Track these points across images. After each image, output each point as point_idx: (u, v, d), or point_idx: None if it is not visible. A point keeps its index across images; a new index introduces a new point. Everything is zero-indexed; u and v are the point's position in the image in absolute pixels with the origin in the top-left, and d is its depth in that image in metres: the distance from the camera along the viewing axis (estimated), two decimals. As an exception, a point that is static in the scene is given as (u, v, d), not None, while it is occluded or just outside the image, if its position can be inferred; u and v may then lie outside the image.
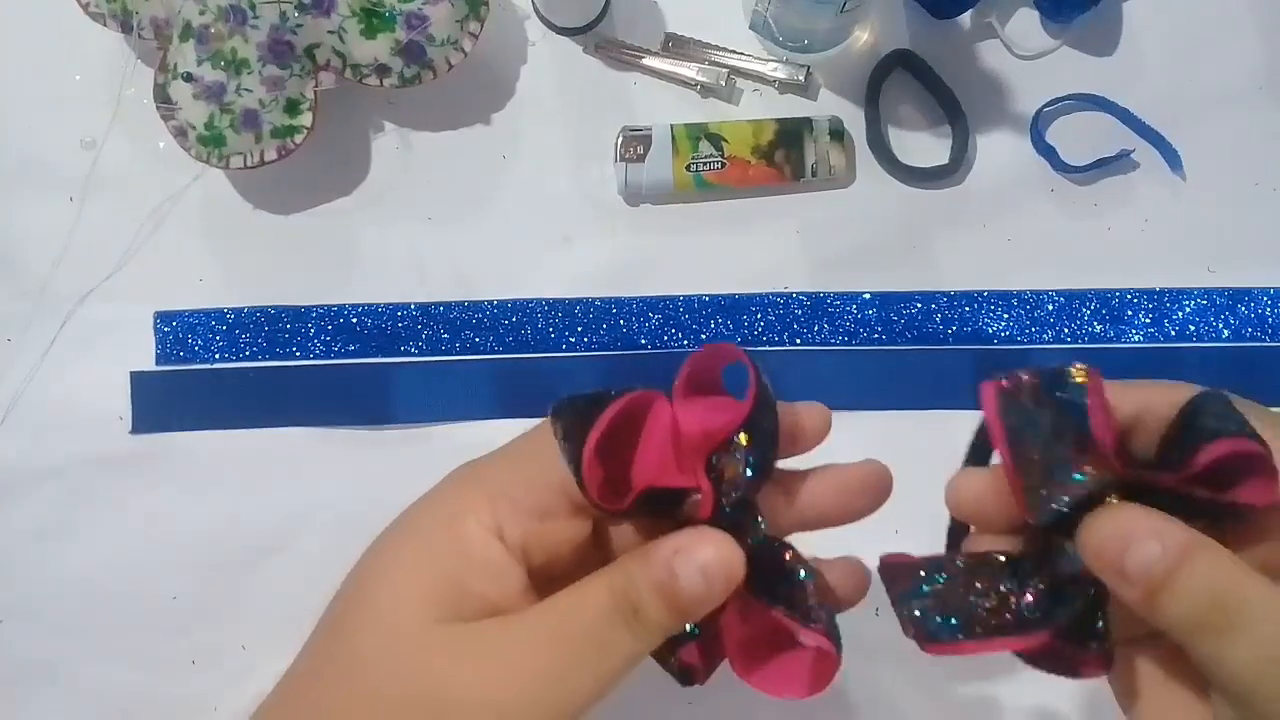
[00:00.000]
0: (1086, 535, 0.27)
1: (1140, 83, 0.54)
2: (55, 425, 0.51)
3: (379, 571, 0.31)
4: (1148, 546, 0.25)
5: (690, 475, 0.29)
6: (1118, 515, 0.26)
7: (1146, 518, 0.26)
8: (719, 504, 0.29)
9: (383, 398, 0.52)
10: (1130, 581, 0.26)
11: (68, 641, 0.50)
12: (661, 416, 0.29)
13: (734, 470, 0.29)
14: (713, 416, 0.29)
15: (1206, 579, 0.25)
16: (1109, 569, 0.26)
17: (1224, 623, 0.25)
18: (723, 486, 0.29)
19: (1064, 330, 0.53)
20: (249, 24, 0.47)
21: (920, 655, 0.49)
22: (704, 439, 0.29)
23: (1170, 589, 0.25)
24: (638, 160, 0.52)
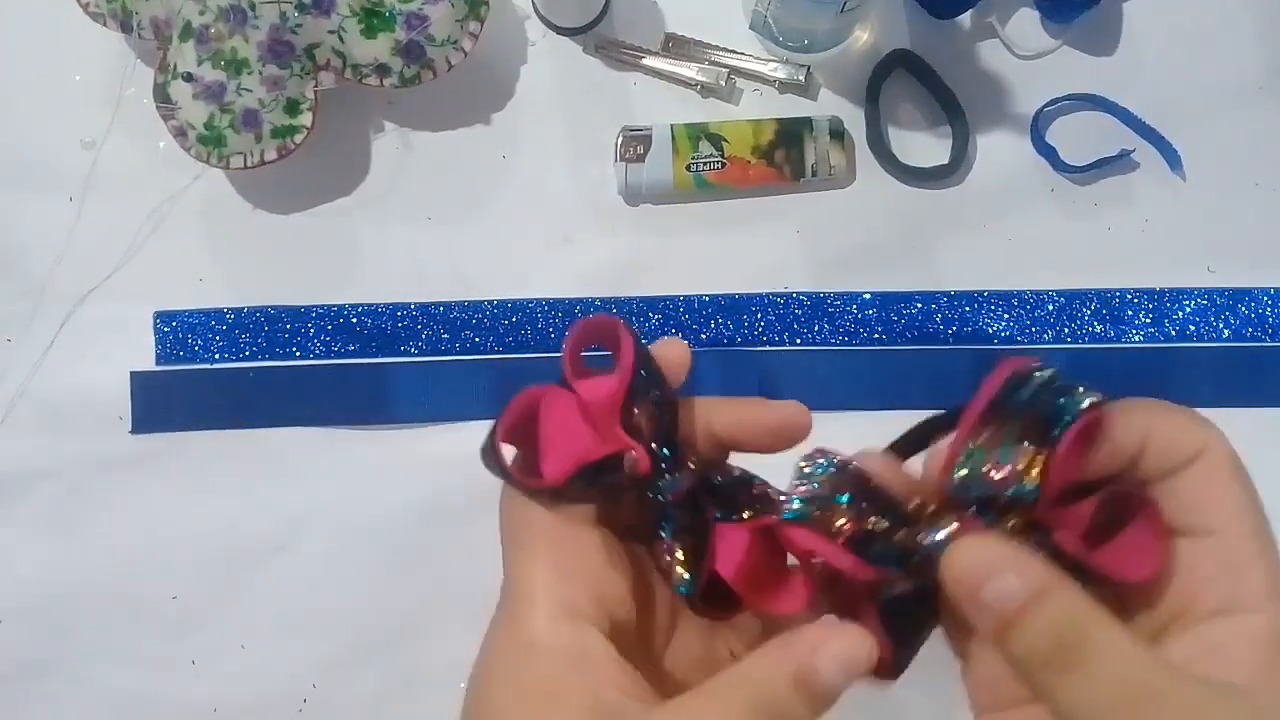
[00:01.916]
0: (950, 560, 0.27)
1: (1140, 83, 0.54)
2: (55, 425, 0.51)
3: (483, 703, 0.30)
4: (1005, 580, 0.26)
5: (614, 440, 0.30)
6: (984, 546, 0.27)
7: (1011, 551, 0.27)
8: (652, 453, 0.30)
9: (383, 398, 0.52)
10: (984, 612, 0.26)
11: (68, 641, 0.50)
12: (559, 403, 0.31)
13: (648, 418, 0.30)
14: (607, 381, 0.31)
15: (1055, 618, 0.26)
16: (966, 596, 0.27)
17: (1066, 661, 0.25)
18: (646, 437, 0.30)
19: (1064, 330, 0.53)
20: (249, 24, 0.47)
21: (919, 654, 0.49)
22: (610, 401, 0.30)
23: (1020, 624, 0.26)
24: (638, 160, 0.52)
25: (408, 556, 0.51)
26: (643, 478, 0.30)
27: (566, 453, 0.30)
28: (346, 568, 0.51)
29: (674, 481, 0.30)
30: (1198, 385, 0.52)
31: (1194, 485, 0.28)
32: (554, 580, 0.29)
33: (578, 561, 0.30)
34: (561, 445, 0.30)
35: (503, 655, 0.29)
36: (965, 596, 0.27)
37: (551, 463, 0.30)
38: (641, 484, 0.30)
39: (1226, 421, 0.29)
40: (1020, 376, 0.28)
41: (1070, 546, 0.27)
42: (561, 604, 0.29)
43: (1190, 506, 0.28)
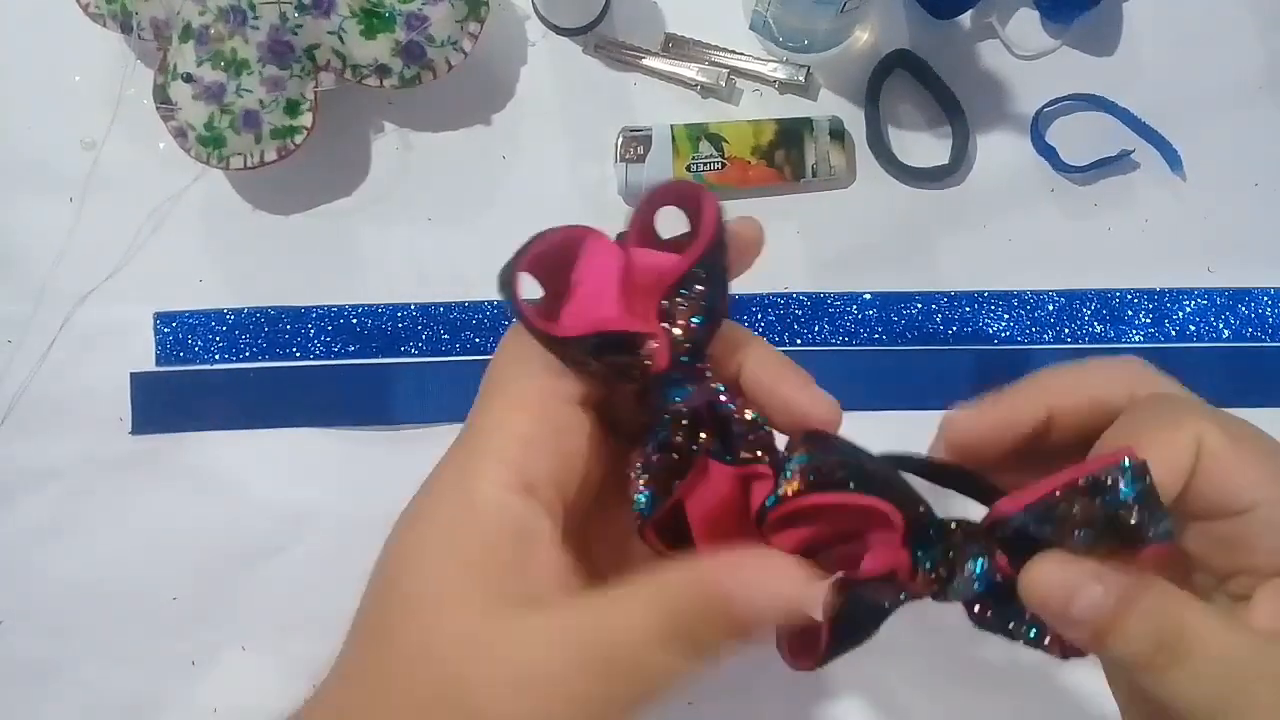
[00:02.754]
0: (1033, 580, 0.27)
1: (1140, 83, 0.54)
2: (55, 425, 0.51)
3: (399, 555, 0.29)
4: (1092, 591, 0.26)
5: (642, 320, 0.27)
6: (1063, 562, 0.27)
7: (1090, 564, 0.27)
8: (675, 352, 0.27)
9: (383, 398, 0.52)
10: (1078, 627, 0.26)
11: (68, 641, 0.50)
12: (602, 253, 0.28)
13: (687, 315, 0.27)
14: (665, 256, 0.27)
15: (1150, 618, 0.26)
16: (1057, 613, 0.27)
17: (1168, 660, 0.26)
18: (677, 332, 0.27)
19: (1064, 330, 0.53)
20: (249, 24, 0.47)
21: (920, 655, 0.49)
22: (657, 280, 0.27)
23: (1117, 631, 0.26)
24: (638, 160, 0.52)
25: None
26: (653, 374, 0.27)
27: (589, 311, 0.27)
28: (346, 568, 0.51)
29: (682, 392, 0.27)
30: (1198, 385, 0.51)
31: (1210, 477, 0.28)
32: (519, 449, 0.27)
33: (552, 438, 0.28)
34: (589, 300, 0.27)
35: (441, 506, 0.28)
36: (1056, 614, 0.27)
37: (572, 314, 0.27)
38: (648, 380, 0.27)
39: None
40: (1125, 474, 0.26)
41: None
42: (519, 475, 0.27)
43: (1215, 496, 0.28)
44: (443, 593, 0.27)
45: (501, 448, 0.28)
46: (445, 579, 0.27)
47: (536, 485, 0.27)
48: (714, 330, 0.28)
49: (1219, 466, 0.27)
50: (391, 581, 0.29)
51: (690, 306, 0.27)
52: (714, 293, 0.28)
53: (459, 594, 0.27)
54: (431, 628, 0.27)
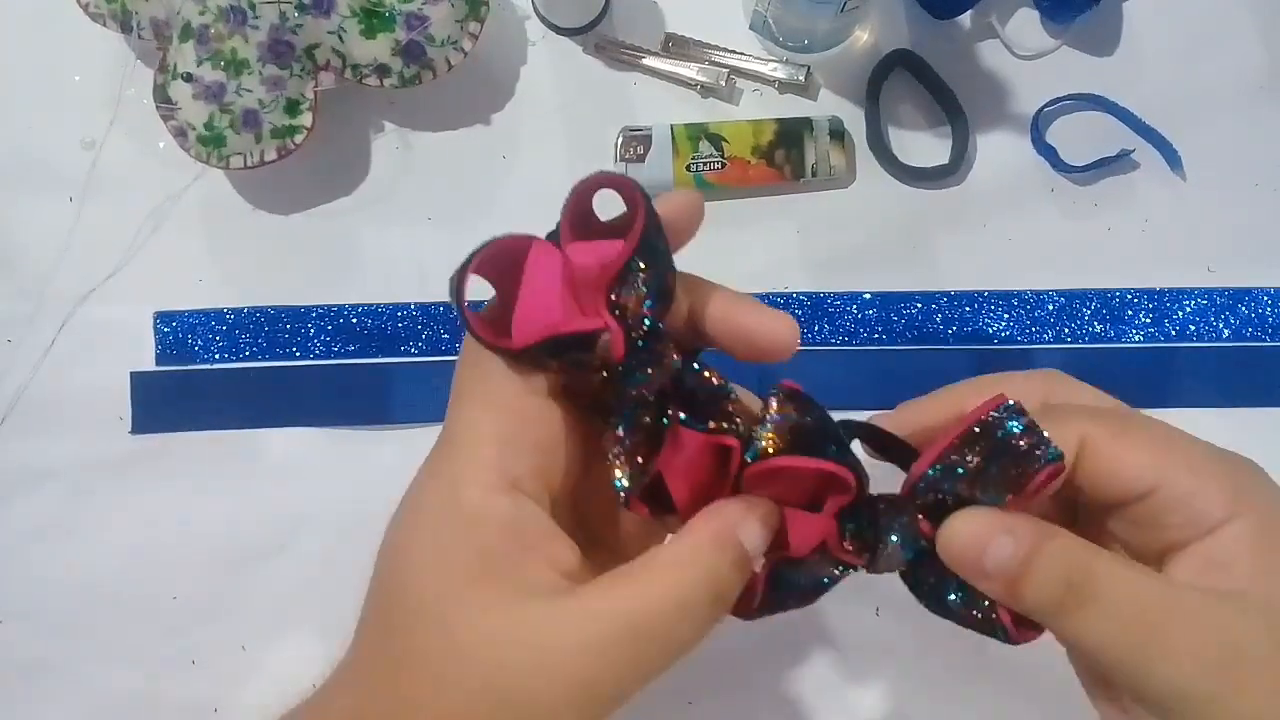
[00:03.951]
0: (945, 542, 0.28)
1: (1140, 83, 0.54)
2: (55, 425, 0.51)
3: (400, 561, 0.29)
4: (1001, 543, 0.27)
5: (593, 316, 0.28)
6: (972, 517, 0.28)
7: (998, 516, 0.28)
8: (629, 340, 0.28)
9: (383, 398, 0.52)
10: (991, 578, 0.28)
11: (68, 641, 0.50)
12: (543, 259, 0.28)
13: (636, 300, 0.28)
14: (602, 249, 0.28)
15: (1058, 564, 0.27)
16: (971, 570, 0.28)
17: (1076, 602, 0.27)
18: (630, 321, 0.28)
19: (1064, 330, 0.53)
20: (249, 24, 0.47)
21: (920, 655, 0.49)
22: (600, 273, 0.28)
23: (1027, 579, 0.27)
24: (638, 160, 0.52)
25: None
26: (613, 362, 0.28)
27: (537, 318, 0.28)
28: (346, 568, 0.51)
29: (644, 377, 0.28)
30: (1198, 385, 0.52)
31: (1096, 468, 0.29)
32: (497, 450, 0.28)
33: (527, 432, 0.28)
34: (535, 308, 0.28)
35: (431, 519, 0.28)
36: (971, 570, 0.28)
37: (521, 324, 0.28)
38: (611, 368, 0.28)
39: (1227, 421, 0.29)
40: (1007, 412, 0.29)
41: None
42: (502, 475, 0.28)
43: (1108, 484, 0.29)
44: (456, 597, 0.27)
45: (479, 451, 0.28)
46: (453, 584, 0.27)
47: (520, 480, 0.28)
48: (665, 310, 0.29)
49: (1103, 458, 0.29)
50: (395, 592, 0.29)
51: (637, 292, 0.28)
52: (657, 274, 0.28)
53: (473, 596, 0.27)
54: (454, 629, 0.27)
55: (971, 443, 0.29)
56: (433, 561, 0.28)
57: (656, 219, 0.29)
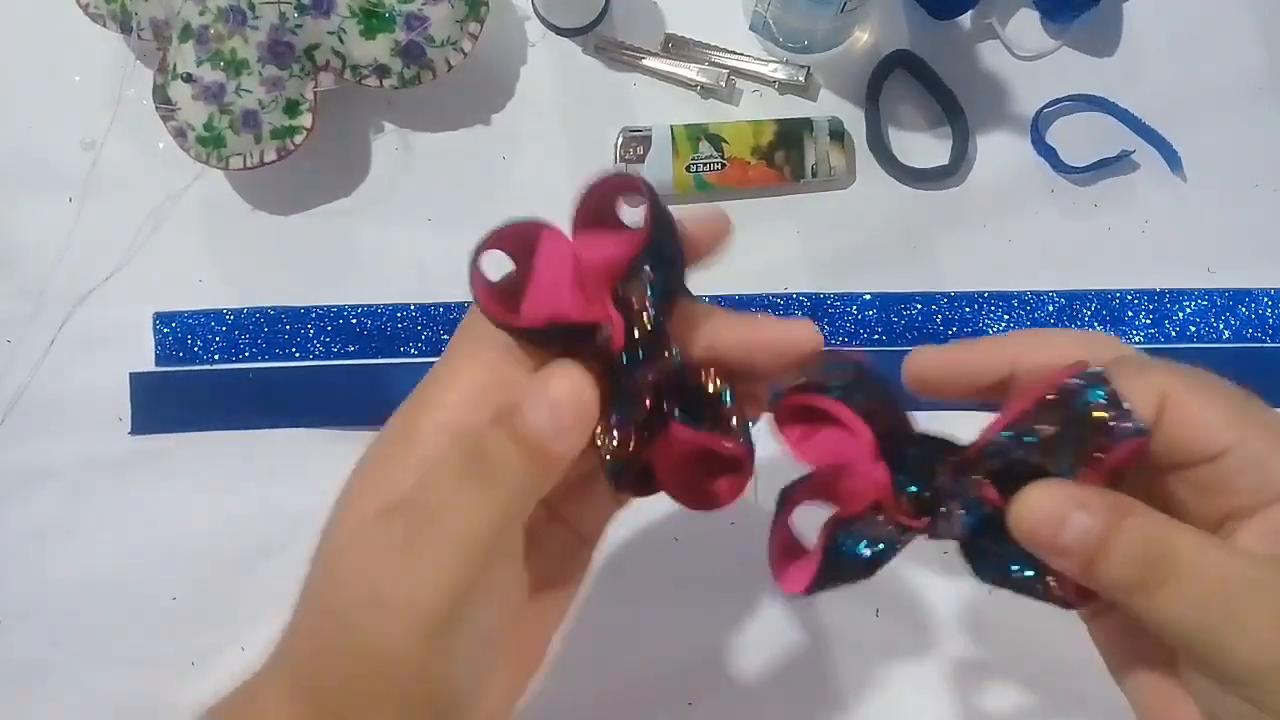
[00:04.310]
0: (1018, 516, 0.27)
1: (1140, 83, 0.54)
2: (55, 425, 0.51)
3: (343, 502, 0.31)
4: (1078, 519, 0.26)
5: (598, 308, 0.28)
6: (1048, 491, 0.27)
7: (1074, 490, 0.27)
8: (629, 334, 0.28)
9: (383, 398, 0.52)
10: (1067, 555, 0.27)
11: (67, 641, 0.50)
12: (556, 247, 0.29)
13: (641, 296, 0.28)
14: (611, 244, 0.29)
15: (1135, 540, 0.26)
16: (1047, 547, 0.27)
17: (1156, 580, 0.26)
18: (632, 315, 0.28)
19: (1064, 330, 0.53)
20: (248, 25, 0.47)
21: (920, 655, 0.49)
22: (607, 268, 0.28)
23: (1104, 557, 0.26)
24: (638, 161, 0.52)
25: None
26: (612, 353, 0.28)
27: (544, 302, 0.28)
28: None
29: (640, 371, 0.28)
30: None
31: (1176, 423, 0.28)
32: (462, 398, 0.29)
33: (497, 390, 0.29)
34: (544, 292, 0.29)
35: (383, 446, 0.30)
36: (1046, 546, 0.27)
37: (528, 306, 0.29)
38: (607, 358, 0.29)
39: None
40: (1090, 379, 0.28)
41: None
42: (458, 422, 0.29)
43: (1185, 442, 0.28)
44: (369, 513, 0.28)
45: (446, 396, 0.29)
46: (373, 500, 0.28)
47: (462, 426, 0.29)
48: (669, 309, 0.29)
49: (1183, 413, 0.28)
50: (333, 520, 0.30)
51: (642, 289, 0.28)
52: (664, 275, 0.29)
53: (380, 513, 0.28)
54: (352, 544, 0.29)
55: (1048, 410, 0.28)
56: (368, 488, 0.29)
57: (668, 220, 0.29)
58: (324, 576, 0.29)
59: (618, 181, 0.29)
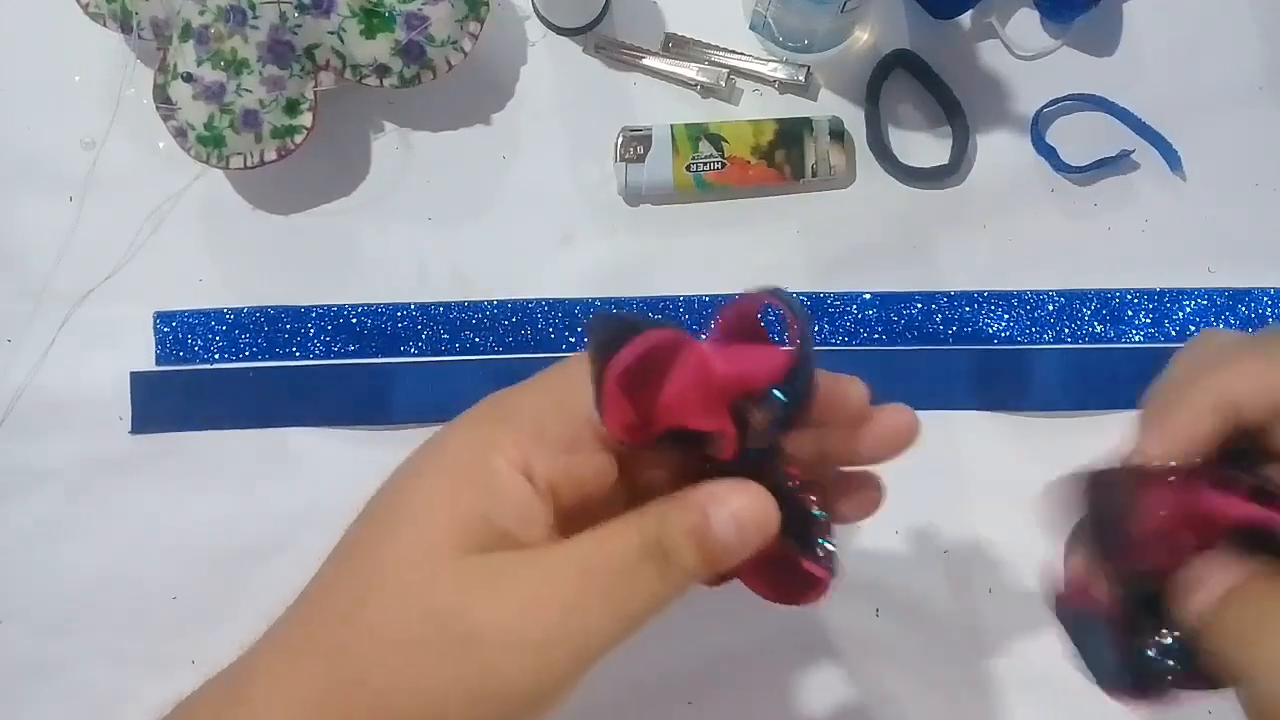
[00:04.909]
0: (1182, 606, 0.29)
1: (1140, 83, 0.54)
2: (55, 425, 0.51)
3: (400, 501, 0.30)
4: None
5: (717, 418, 0.28)
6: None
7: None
8: (743, 447, 0.28)
9: (383, 398, 0.52)
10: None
11: (67, 641, 0.50)
12: (692, 360, 0.29)
13: (762, 420, 0.28)
14: (749, 363, 0.29)
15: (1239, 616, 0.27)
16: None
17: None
18: (749, 432, 0.28)
19: (1064, 330, 0.53)
20: (249, 24, 0.47)
21: (920, 655, 0.49)
22: (737, 385, 0.28)
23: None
24: (638, 160, 0.52)
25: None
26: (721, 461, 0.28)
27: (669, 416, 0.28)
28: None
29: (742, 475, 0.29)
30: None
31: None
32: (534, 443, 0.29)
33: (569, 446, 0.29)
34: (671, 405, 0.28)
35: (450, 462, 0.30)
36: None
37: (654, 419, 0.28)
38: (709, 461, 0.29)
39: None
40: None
41: None
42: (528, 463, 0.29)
43: None
44: (442, 541, 0.28)
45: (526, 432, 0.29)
46: (445, 529, 0.28)
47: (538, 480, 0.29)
48: (785, 433, 0.29)
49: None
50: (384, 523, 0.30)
51: (767, 414, 0.28)
52: (791, 407, 0.28)
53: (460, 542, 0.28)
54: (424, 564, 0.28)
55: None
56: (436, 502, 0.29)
57: (810, 355, 0.29)
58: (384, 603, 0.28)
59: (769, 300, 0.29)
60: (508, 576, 0.27)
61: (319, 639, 0.29)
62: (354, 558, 0.30)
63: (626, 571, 0.27)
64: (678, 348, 0.28)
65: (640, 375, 0.28)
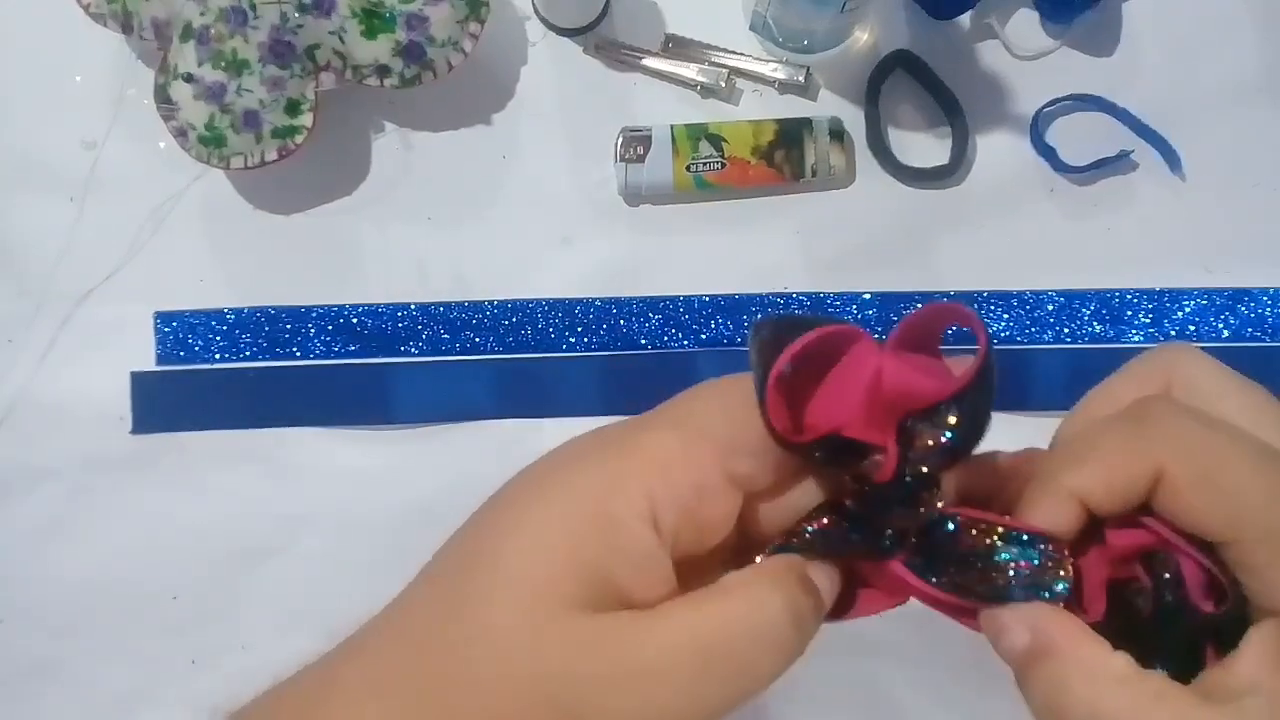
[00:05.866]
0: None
1: (1140, 83, 0.54)
2: (55, 425, 0.51)
3: (512, 537, 0.27)
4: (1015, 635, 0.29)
5: (879, 432, 0.26)
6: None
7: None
8: (900, 470, 0.26)
9: (383, 398, 0.52)
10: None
11: (68, 641, 0.50)
12: (863, 359, 0.26)
13: (927, 442, 0.26)
14: (923, 377, 0.26)
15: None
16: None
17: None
18: (910, 454, 0.26)
19: (1064, 330, 0.53)
20: (249, 24, 0.47)
21: (920, 655, 0.49)
22: (906, 398, 0.26)
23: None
24: (638, 160, 0.52)
25: (407, 556, 0.51)
26: (875, 483, 0.27)
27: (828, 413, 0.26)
28: (346, 568, 0.51)
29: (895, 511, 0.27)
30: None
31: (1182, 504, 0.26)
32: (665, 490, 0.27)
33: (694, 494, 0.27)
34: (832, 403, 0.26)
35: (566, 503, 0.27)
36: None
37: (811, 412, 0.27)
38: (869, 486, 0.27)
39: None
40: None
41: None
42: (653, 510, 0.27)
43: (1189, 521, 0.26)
44: (554, 593, 0.26)
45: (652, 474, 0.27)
46: (560, 581, 0.26)
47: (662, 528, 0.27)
48: (951, 465, 0.26)
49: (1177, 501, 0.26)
50: (493, 558, 0.27)
51: (935, 436, 0.26)
52: (965, 430, 0.26)
53: (574, 598, 0.26)
54: (534, 620, 0.26)
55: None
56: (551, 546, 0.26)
57: (992, 379, 0.26)
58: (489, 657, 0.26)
59: (953, 315, 0.27)
60: (623, 642, 0.26)
61: (408, 683, 0.27)
62: (451, 594, 0.28)
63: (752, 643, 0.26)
64: (851, 342, 0.26)
65: (808, 374, 0.26)
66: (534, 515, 0.27)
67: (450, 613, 0.27)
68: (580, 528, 0.26)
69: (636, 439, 0.28)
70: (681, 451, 0.27)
